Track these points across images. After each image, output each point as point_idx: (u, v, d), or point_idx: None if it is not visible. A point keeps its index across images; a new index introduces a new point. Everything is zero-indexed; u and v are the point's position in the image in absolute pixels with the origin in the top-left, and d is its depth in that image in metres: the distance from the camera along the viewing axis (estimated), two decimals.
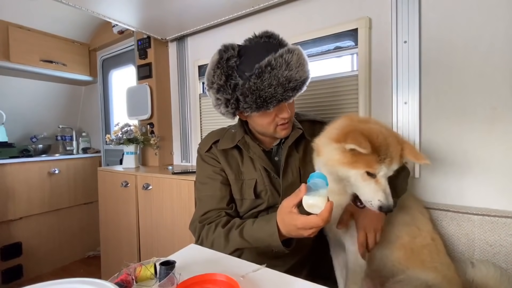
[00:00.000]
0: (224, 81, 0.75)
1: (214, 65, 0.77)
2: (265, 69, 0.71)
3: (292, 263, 0.88)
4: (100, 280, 0.47)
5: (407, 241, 0.84)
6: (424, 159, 0.71)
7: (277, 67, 0.71)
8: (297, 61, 0.73)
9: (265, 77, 0.71)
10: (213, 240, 0.78)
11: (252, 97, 0.72)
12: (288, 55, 0.72)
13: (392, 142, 0.68)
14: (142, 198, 1.55)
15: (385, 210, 0.66)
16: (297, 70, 0.73)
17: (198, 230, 0.83)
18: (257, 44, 0.80)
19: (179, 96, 1.91)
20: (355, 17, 1.17)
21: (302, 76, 0.74)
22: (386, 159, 0.66)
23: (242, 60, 0.77)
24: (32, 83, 2.39)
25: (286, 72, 0.71)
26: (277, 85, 0.71)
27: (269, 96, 0.72)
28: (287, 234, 0.67)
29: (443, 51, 1.01)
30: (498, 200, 0.94)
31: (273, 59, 0.72)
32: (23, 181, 2.05)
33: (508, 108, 0.92)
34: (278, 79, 0.71)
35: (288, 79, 0.72)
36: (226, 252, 0.74)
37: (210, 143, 0.91)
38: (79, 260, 2.40)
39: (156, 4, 1.39)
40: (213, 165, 0.89)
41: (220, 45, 0.79)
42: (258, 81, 0.71)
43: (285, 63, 0.72)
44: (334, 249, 0.94)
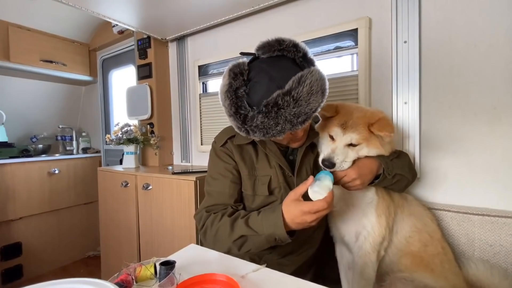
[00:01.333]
0: (234, 112, 0.73)
1: (224, 91, 0.74)
2: (271, 109, 0.68)
3: (299, 264, 0.89)
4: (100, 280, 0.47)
5: (417, 248, 0.83)
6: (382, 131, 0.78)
7: (284, 106, 0.67)
8: (308, 92, 0.68)
9: (271, 116, 0.68)
10: (218, 228, 0.78)
11: (260, 133, 0.71)
12: (297, 90, 0.67)
13: (357, 116, 0.80)
14: (142, 198, 1.55)
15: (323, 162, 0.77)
16: (308, 103, 0.68)
17: (204, 218, 0.83)
18: (268, 62, 0.75)
19: (179, 96, 1.91)
20: (355, 17, 1.17)
21: (313, 107, 0.69)
22: (342, 124, 0.80)
23: (251, 88, 0.73)
24: (32, 83, 2.39)
25: (294, 110, 0.67)
26: (284, 122, 0.69)
27: (277, 132, 0.70)
28: (291, 222, 0.69)
29: (443, 51, 1.01)
30: (498, 200, 0.94)
31: (280, 98, 0.67)
32: (23, 181, 2.05)
33: (508, 108, 0.92)
34: (285, 118, 0.68)
35: (297, 115, 0.68)
36: (230, 240, 0.75)
37: (226, 138, 0.91)
38: (79, 260, 2.40)
39: (156, 4, 1.39)
40: (226, 162, 0.90)
41: (230, 66, 0.75)
42: (265, 120, 0.69)
43: (293, 101, 0.67)
44: (339, 250, 0.95)
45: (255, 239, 0.74)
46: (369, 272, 0.80)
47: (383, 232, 0.80)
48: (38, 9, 2.05)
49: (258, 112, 0.70)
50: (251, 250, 0.77)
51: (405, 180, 0.88)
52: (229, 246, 0.77)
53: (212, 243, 0.80)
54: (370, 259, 0.80)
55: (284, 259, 0.88)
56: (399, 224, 0.86)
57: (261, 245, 0.74)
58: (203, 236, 0.84)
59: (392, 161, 0.84)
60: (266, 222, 0.73)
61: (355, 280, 0.82)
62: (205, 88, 1.82)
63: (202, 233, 0.83)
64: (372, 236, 0.80)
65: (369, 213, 0.82)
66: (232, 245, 0.77)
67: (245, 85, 0.73)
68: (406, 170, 0.88)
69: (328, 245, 0.97)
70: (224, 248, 0.78)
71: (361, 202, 0.84)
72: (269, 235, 0.72)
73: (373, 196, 0.83)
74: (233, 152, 0.89)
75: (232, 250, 0.77)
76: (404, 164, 0.89)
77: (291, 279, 0.58)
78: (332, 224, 0.91)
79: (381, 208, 0.82)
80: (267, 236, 0.72)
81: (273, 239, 0.72)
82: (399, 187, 0.88)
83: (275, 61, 0.75)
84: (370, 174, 0.80)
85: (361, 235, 0.82)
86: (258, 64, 0.75)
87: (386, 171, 0.81)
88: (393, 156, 0.86)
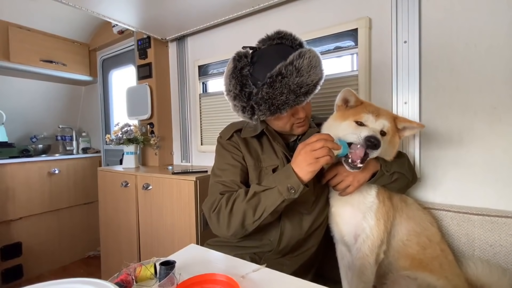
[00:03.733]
0: (239, 90, 0.78)
1: (229, 74, 0.81)
2: (276, 78, 0.73)
3: (300, 263, 0.90)
4: (100, 280, 0.47)
5: (416, 251, 0.83)
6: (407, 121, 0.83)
7: (288, 75, 0.73)
8: (308, 65, 0.75)
9: (276, 86, 0.73)
10: (235, 200, 0.78)
11: (265, 105, 0.75)
12: (298, 61, 0.74)
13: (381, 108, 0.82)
14: (142, 198, 1.55)
15: (369, 139, 0.71)
16: (309, 75, 0.74)
17: (217, 200, 0.82)
18: (269, 48, 0.83)
19: (179, 96, 1.91)
20: (355, 17, 1.17)
21: (314, 79, 0.75)
22: (373, 111, 0.79)
23: (255, 67, 0.80)
24: (32, 83, 2.39)
25: (297, 79, 0.73)
26: (288, 92, 0.73)
27: (282, 103, 0.75)
28: (299, 168, 0.71)
29: (443, 51, 1.01)
30: (498, 200, 0.94)
31: (284, 68, 0.73)
32: (23, 181, 2.05)
33: (508, 108, 0.92)
34: (289, 87, 0.73)
35: (300, 85, 0.74)
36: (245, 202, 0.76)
37: (232, 132, 0.94)
38: (79, 260, 2.40)
39: (156, 4, 1.39)
40: (233, 153, 0.91)
41: (234, 53, 0.83)
42: (270, 90, 0.74)
43: (296, 70, 0.73)
44: (339, 250, 0.95)
45: (268, 194, 0.74)
46: (368, 275, 0.80)
47: (381, 235, 0.80)
48: (38, 9, 2.05)
49: (263, 85, 0.75)
50: (265, 212, 0.74)
51: (405, 179, 0.88)
52: (244, 210, 0.75)
53: (227, 218, 0.77)
54: (368, 261, 0.80)
55: (284, 258, 0.88)
56: (397, 227, 0.86)
57: (275, 200, 0.73)
58: (215, 216, 0.80)
59: (391, 161, 0.85)
60: (277, 177, 0.75)
61: (353, 283, 0.82)
62: (205, 88, 1.82)
63: (215, 213, 0.80)
64: (371, 239, 0.80)
65: (369, 216, 0.81)
66: (246, 206, 0.75)
67: (250, 65, 0.80)
68: (406, 169, 0.88)
69: (328, 245, 0.97)
70: (239, 215, 0.76)
71: (361, 204, 0.84)
72: (281, 186, 0.72)
73: (374, 200, 0.83)
74: (239, 145, 0.91)
75: (247, 219, 0.75)
76: (403, 163, 0.89)
77: (291, 279, 0.58)
78: (333, 224, 0.91)
79: (380, 212, 0.82)
80: (279, 188, 0.72)
81: (286, 189, 0.71)
82: (399, 186, 0.88)
83: (275, 46, 0.83)
84: (364, 171, 0.81)
85: (360, 238, 0.82)
86: (260, 48, 0.85)
87: (384, 168, 0.81)
88: None
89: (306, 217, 0.88)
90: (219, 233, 0.81)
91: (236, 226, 0.77)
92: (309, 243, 0.91)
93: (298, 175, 0.71)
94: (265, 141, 0.91)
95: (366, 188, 0.85)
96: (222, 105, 1.67)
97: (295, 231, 0.86)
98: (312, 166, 0.70)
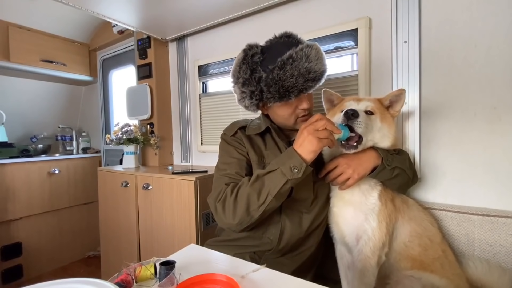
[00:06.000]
0: (249, 75, 0.82)
1: (239, 62, 0.85)
2: (287, 61, 0.78)
3: (299, 263, 0.90)
4: (100, 280, 0.47)
5: (417, 252, 0.83)
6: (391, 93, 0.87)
7: (298, 59, 0.78)
8: (315, 54, 0.80)
9: (287, 68, 0.78)
10: (239, 189, 0.78)
11: (276, 87, 0.79)
12: (307, 49, 0.80)
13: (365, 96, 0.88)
14: (142, 198, 1.55)
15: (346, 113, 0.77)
16: (316, 63, 0.80)
17: (223, 190, 0.81)
18: (277, 43, 0.87)
19: (179, 96, 1.91)
20: (355, 17, 1.17)
21: (320, 68, 0.81)
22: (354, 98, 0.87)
23: (265, 56, 0.84)
24: (32, 83, 2.39)
25: (306, 64, 0.78)
26: (298, 75, 0.78)
27: (291, 86, 0.78)
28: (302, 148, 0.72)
29: (443, 51, 1.01)
30: (498, 200, 0.94)
31: (294, 53, 0.79)
32: (23, 181, 2.05)
33: (508, 108, 0.92)
34: (299, 70, 0.78)
35: (308, 70, 0.78)
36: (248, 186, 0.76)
37: (236, 129, 0.96)
38: (79, 260, 2.40)
39: (156, 4, 1.39)
40: (237, 147, 0.93)
41: (245, 45, 0.87)
42: (281, 72, 0.78)
43: (305, 55, 0.79)
44: (339, 250, 0.95)
45: (272, 176, 0.74)
46: (369, 277, 0.80)
47: (383, 238, 0.80)
48: (38, 9, 2.05)
49: (273, 67, 0.79)
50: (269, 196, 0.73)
51: (405, 176, 0.88)
52: (248, 194, 0.75)
53: (232, 205, 0.77)
54: (370, 263, 0.80)
55: (283, 257, 0.89)
56: (399, 229, 0.85)
57: (278, 182, 0.72)
58: (221, 205, 0.79)
59: (392, 155, 0.85)
60: (279, 159, 0.75)
61: (354, 284, 0.82)
62: (205, 88, 1.82)
63: (221, 202, 0.79)
64: (373, 241, 0.80)
65: (371, 218, 0.81)
66: (250, 190, 0.75)
67: (260, 54, 0.84)
68: (407, 166, 0.88)
69: (328, 245, 0.97)
70: (244, 201, 0.75)
71: (363, 206, 0.83)
72: (284, 167, 0.72)
73: (376, 201, 0.83)
74: (243, 140, 0.93)
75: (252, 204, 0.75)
76: (405, 160, 0.89)
77: (291, 279, 0.58)
78: (333, 224, 0.91)
79: (383, 214, 0.81)
80: (282, 169, 0.72)
81: (289, 169, 0.71)
82: (399, 183, 0.87)
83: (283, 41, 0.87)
84: (365, 164, 0.81)
85: (361, 239, 0.82)
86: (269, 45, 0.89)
87: (385, 161, 0.81)
88: (393, 152, 0.87)
89: (306, 216, 0.88)
90: (225, 223, 0.79)
91: (241, 213, 0.75)
92: (308, 243, 0.91)
93: (301, 155, 0.71)
94: (268, 139, 0.93)
95: (368, 188, 0.85)
96: (222, 105, 1.67)
97: (295, 230, 0.87)
98: (314, 146, 0.70)
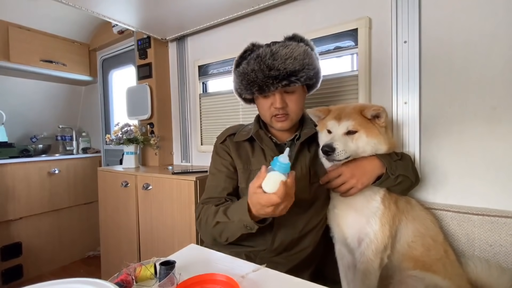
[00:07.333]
0: (234, 69, 0.90)
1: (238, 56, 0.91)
2: (253, 56, 0.82)
3: (295, 263, 0.89)
4: (100, 280, 0.47)
5: (420, 252, 0.83)
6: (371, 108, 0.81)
7: (262, 55, 0.81)
8: (287, 53, 0.79)
9: (251, 63, 0.82)
10: (207, 217, 0.84)
11: (241, 79, 0.85)
12: (280, 48, 0.80)
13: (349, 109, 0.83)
14: (142, 198, 1.55)
15: (323, 149, 0.77)
16: (283, 61, 0.79)
17: (199, 210, 0.90)
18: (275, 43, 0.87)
19: (179, 96, 1.91)
20: (355, 17, 1.17)
21: (286, 67, 0.79)
22: (335, 117, 0.82)
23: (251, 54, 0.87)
24: (32, 83, 2.39)
25: (269, 61, 0.79)
26: (258, 70, 0.80)
27: (251, 80, 0.82)
28: (256, 213, 0.70)
29: (443, 51, 1.01)
30: (498, 200, 0.94)
31: (263, 49, 0.82)
32: (23, 181, 2.05)
33: (508, 108, 0.91)
34: (260, 65, 0.80)
35: (269, 67, 0.79)
36: (211, 226, 0.82)
37: (226, 136, 0.98)
38: (79, 260, 2.40)
39: (156, 4, 1.39)
40: (222, 158, 0.96)
41: None
42: (245, 66, 0.83)
43: (271, 53, 0.80)
44: (339, 250, 0.94)
45: (229, 225, 0.78)
46: (371, 279, 0.79)
47: (386, 240, 0.80)
48: (38, 9, 2.05)
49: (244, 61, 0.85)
50: (229, 239, 0.81)
51: (408, 181, 0.88)
52: (211, 233, 0.84)
53: (204, 232, 0.88)
54: (372, 266, 0.79)
55: (279, 257, 0.88)
56: (403, 230, 0.85)
57: (235, 231, 0.78)
58: (198, 226, 0.89)
59: (396, 162, 0.84)
60: (236, 210, 0.77)
61: (356, 286, 0.82)
62: (205, 88, 1.82)
63: (198, 223, 0.89)
64: (375, 244, 0.79)
65: (373, 222, 0.81)
66: (213, 231, 0.82)
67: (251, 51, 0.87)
68: (410, 172, 0.87)
69: (329, 245, 0.97)
70: (208, 235, 0.86)
71: (365, 209, 0.83)
72: (239, 222, 0.74)
73: (379, 205, 0.82)
74: (230, 148, 0.95)
75: (216, 238, 0.84)
76: (408, 166, 0.88)
77: (291, 279, 0.58)
78: (335, 225, 0.91)
79: (386, 218, 0.81)
80: (237, 222, 0.75)
81: (243, 226, 0.74)
82: (401, 189, 0.87)
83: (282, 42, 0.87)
84: (368, 174, 0.80)
85: (363, 242, 0.81)
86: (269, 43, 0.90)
87: (389, 171, 0.80)
88: (396, 158, 0.86)
89: (301, 216, 0.88)
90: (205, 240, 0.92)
91: (212, 241, 0.87)
92: (304, 243, 0.91)
93: (252, 214, 0.71)
94: (256, 145, 0.94)
95: (371, 193, 0.84)
96: (222, 105, 1.67)
97: (289, 230, 0.87)
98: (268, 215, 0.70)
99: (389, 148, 0.83)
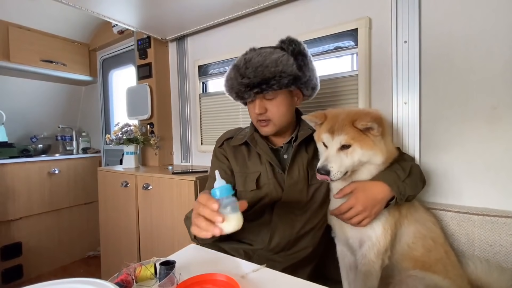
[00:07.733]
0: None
1: None
2: (233, 65, 0.87)
3: (293, 262, 0.89)
4: (100, 280, 0.47)
5: (420, 253, 0.82)
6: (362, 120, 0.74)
7: (238, 64, 0.85)
8: (259, 61, 0.81)
9: (230, 70, 0.88)
10: None
11: (225, 85, 0.91)
12: (254, 56, 0.83)
13: (342, 118, 0.79)
14: (142, 198, 1.55)
15: (319, 171, 0.75)
16: (254, 69, 0.80)
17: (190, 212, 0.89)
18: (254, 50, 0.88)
19: (179, 96, 1.91)
20: (355, 17, 1.17)
21: (257, 75, 0.80)
22: (329, 129, 0.79)
23: None
24: (32, 83, 2.39)
25: (242, 70, 0.83)
26: (233, 78, 0.85)
27: (229, 87, 0.88)
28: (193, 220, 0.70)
29: (443, 51, 1.01)
30: (498, 200, 0.94)
31: (239, 60, 0.86)
32: (23, 181, 2.05)
33: (508, 108, 0.92)
34: (234, 74, 0.85)
35: (242, 75, 0.82)
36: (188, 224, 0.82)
37: (223, 140, 0.99)
38: (79, 260, 2.40)
39: (156, 4, 1.39)
40: (220, 161, 0.97)
41: None
42: (227, 73, 0.89)
43: (244, 61, 0.83)
44: (341, 251, 0.94)
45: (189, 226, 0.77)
46: (372, 280, 0.79)
47: (387, 244, 0.79)
48: (38, 9, 2.05)
49: None
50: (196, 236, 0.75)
51: (416, 194, 0.87)
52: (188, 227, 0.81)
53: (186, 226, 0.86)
54: (374, 267, 0.79)
55: (276, 255, 0.88)
56: (404, 231, 0.84)
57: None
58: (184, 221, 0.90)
59: (404, 182, 0.79)
60: None
61: (357, 286, 0.82)
62: (205, 88, 1.82)
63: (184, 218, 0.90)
64: (377, 247, 0.79)
65: (376, 225, 0.80)
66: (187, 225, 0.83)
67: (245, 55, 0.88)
68: (419, 187, 0.86)
69: (329, 244, 0.97)
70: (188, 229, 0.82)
71: None
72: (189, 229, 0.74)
73: (383, 211, 0.80)
74: (228, 152, 0.96)
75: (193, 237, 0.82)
76: (417, 181, 0.85)
77: (291, 279, 0.58)
78: (337, 226, 0.90)
79: (389, 223, 0.80)
80: None
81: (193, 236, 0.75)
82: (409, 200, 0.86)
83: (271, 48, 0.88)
84: (380, 204, 0.77)
85: (365, 244, 0.81)
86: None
87: (399, 197, 0.77)
88: (404, 176, 0.80)
89: (299, 217, 0.88)
90: None
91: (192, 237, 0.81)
92: (303, 243, 0.91)
93: None
94: (252, 148, 0.94)
95: None
96: (222, 105, 1.67)
97: (286, 231, 0.87)
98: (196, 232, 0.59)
99: (387, 158, 0.80)
